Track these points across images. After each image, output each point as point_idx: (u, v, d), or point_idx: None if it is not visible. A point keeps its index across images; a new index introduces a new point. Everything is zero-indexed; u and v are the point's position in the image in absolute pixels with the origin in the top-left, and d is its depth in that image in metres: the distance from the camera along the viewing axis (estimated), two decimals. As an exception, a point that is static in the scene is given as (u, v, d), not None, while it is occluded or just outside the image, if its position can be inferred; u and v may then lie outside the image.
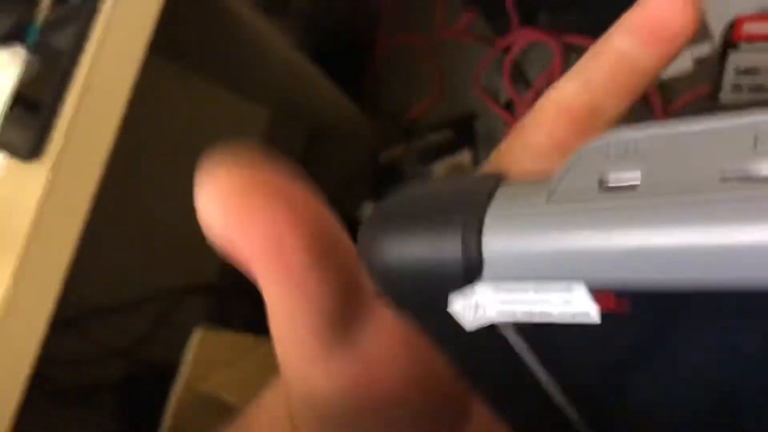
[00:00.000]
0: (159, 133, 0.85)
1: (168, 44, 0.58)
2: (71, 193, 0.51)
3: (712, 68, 0.65)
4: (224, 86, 0.92)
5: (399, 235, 0.14)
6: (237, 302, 0.95)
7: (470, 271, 0.13)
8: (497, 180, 0.14)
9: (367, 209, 0.93)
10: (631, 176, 0.12)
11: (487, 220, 0.13)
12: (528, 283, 0.12)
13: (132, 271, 0.84)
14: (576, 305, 0.12)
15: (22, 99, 0.51)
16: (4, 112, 0.52)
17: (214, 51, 0.83)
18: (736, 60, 0.63)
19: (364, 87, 1.02)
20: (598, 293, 0.12)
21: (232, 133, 0.95)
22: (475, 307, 0.13)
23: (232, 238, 0.16)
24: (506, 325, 0.13)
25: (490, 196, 0.13)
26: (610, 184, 0.12)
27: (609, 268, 0.11)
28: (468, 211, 0.13)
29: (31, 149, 0.51)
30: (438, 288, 0.13)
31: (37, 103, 0.50)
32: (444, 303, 0.14)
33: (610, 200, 0.12)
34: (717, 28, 0.79)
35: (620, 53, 0.18)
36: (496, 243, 0.12)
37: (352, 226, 0.15)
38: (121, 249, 0.82)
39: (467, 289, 0.13)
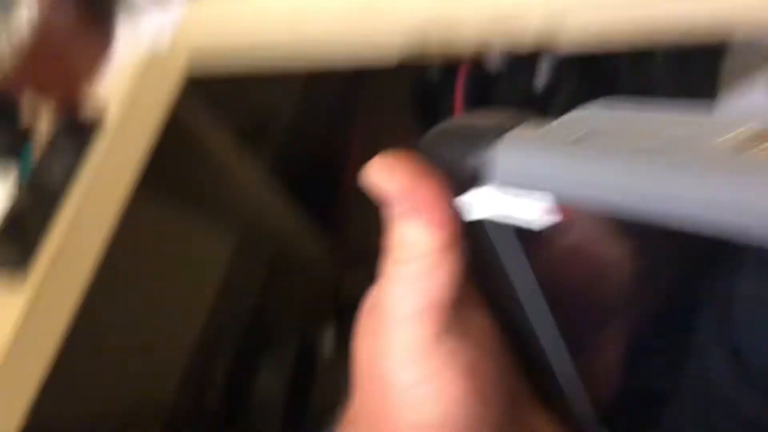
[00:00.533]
0: (124, 257, 0.85)
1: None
2: (49, 319, 0.52)
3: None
4: (192, 215, 0.94)
5: (441, 142, 0.21)
6: (191, 425, 0.94)
7: (478, 177, 0.19)
8: (520, 119, 0.19)
9: (329, 337, 0.94)
10: (585, 133, 0.17)
11: (501, 143, 0.18)
12: (512, 189, 0.18)
13: (88, 389, 0.83)
14: (537, 210, 0.17)
15: (7, 230, 0.53)
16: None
17: (186, 181, 0.85)
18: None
19: (333, 215, 1.05)
20: (559, 205, 0.17)
21: (196, 260, 0.96)
22: (475, 204, 0.19)
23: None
24: (492, 223, 0.19)
25: (507, 129, 0.19)
26: (581, 134, 0.17)
27: (563, 182, 0.17)
28: (486, 136, 0.19)
29: (14, 268, 0.52)
30: (462, 184, 0.19)
31: (23, 233, 0.53)
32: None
33: (573, 143, 0.17)
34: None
35: None
36: (501, 158, 0.18)
37: (313, 355, 0.18)
38: (80, 368, 0.81)
39: (476, 186, 0.19)
